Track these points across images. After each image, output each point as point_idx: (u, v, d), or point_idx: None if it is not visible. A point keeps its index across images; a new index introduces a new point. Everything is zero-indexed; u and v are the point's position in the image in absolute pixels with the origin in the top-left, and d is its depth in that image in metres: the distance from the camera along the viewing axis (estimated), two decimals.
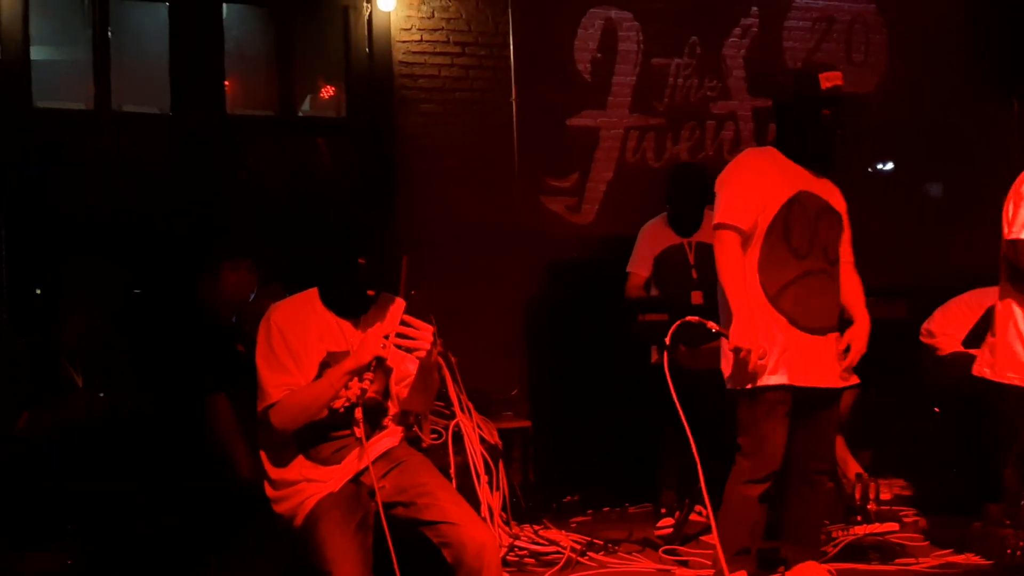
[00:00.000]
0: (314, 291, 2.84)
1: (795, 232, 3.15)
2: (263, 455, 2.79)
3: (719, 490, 3.28)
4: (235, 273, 3.61)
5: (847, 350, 3.25)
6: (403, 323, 2.60)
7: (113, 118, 4.77)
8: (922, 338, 4.47)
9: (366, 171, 5.04)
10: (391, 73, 5.09)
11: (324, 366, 2.72)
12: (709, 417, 3.56)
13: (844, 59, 6.07)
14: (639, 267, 4.40)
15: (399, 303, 2.81)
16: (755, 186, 3.16)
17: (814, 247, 3.18)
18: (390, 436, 2.85)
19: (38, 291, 4.41)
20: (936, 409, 4.60)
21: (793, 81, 3.38)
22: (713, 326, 3.09)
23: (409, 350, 2.61)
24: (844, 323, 3.32)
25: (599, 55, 5.59)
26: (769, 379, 3.11)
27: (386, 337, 2.61)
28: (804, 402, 3.21)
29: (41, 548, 3.00)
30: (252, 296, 3.69)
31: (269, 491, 2.79)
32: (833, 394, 3.27)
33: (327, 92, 5.37)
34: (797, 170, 3.23)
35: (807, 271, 3.17)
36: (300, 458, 2.73)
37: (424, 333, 2.60)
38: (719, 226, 3.16)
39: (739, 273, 3.10)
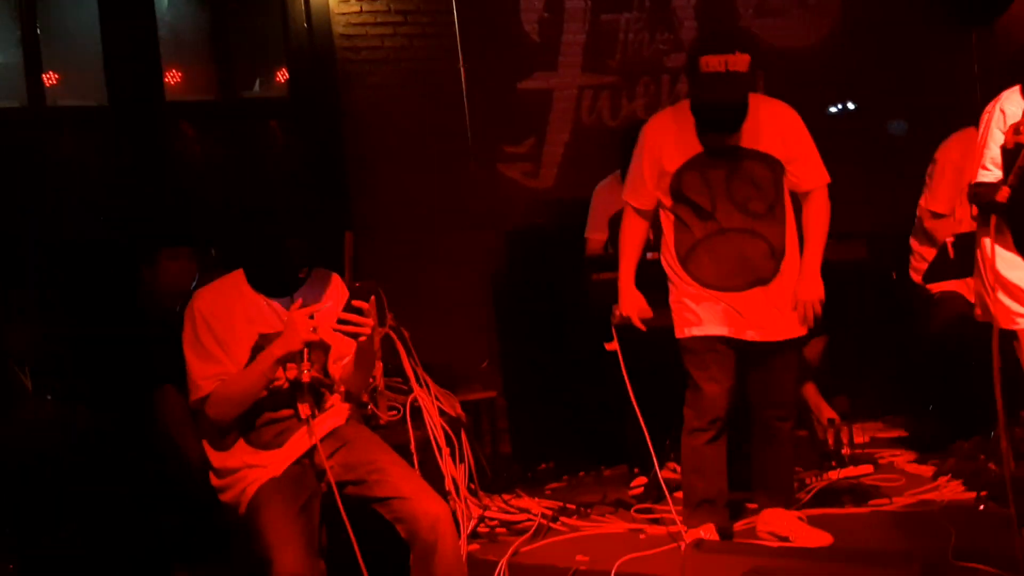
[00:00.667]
0: (239, 273, 2.74)
1: (692, 195, 3.15)
2: (206, 444, 2.71)
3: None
4: (174, 262, 3.51)
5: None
6: (348, 308, 2.52)
7: (50, 114, 4.68)
8: (915, 262, 4.30)
9: (313, 150, 4.94)
10: (332, 47, 5.00)
11: (257, 349, 2.63)
12: (668, 374, 3.54)
13: (796, 3, 5.98)
14: (596, 231, 4.32)
15: (335, 279, 2.73)
16: (649, 161, 3.20)
17: (720, 206, 3.13)
18: (335, 415, 2.77)
19: None
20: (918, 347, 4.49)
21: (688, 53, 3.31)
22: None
23: (354, 335, 2.54)
24: None
25: (546, 15, 5.49)
26: (692, 331, 3.19)
27: (312, 317, 2.53)
28: (746, 353, 3.19)
29: None
30: (194, 284, 3.60)
31: (214, 480, 2.73)
32: (770, 346, 3.19)
33: (270, 72, 5.25)
34: (693, 134, 3.15)
35: (715, 231, 3.15)
36: (241, 444, 2.66)
37: (367, 319, 2.52)
38: (624, 202, 3.32)
39: (630, 246, 3.31)
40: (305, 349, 2.54)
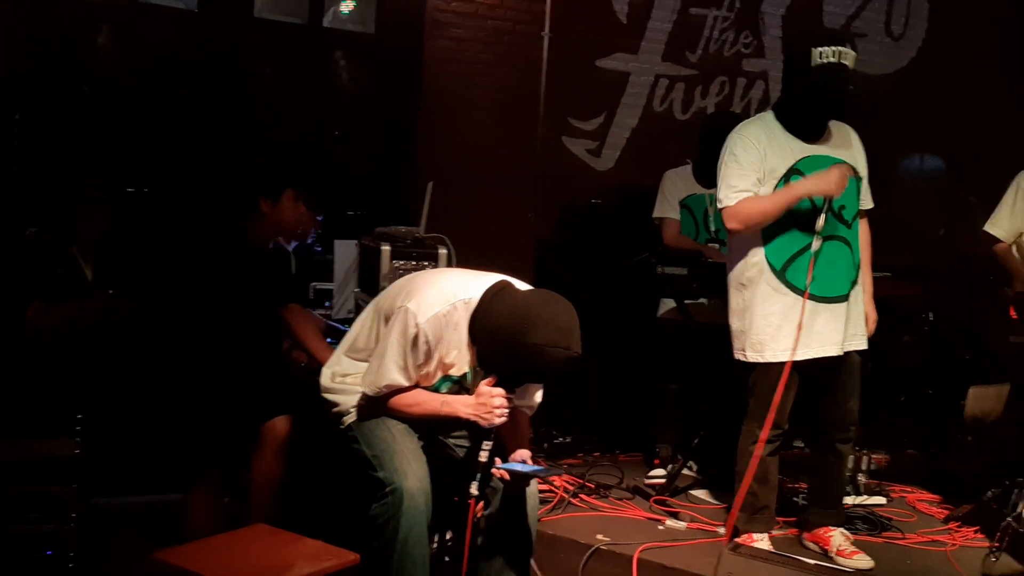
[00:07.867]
0: (464, 316, 2.67)
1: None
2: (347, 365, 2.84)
3: (727, 447, 3.38)
4: (295, 205, 3.53)
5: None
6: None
7: (138, 8, 4.65)
8: None
9: (390, 90, 4.93)
10: None
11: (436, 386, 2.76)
12: (713, 372, 3.60)
13: (883, 31, 5.98)
14: (670, 211, 4.27)
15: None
16: (755, 162, 3.11)
17: (822, 213, 3.08)
18: None
19: (55, 182, 4.30)
20: None
21: (790, 48, 3.24)
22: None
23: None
24: None
25: None
26: (777, 355, 3.13)
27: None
28: (818, 370, 3.20)
29: (51, 436, 2.99)
30: (311, 236, 3.68)
31: (326, 381, 2.83)
32: (844, 360, 3.23)
33: (352, 5, 5.22)
34: (792, 139, 3.14)
35: (818, 238, 3.10)
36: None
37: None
38: (721, 202, 3.21)
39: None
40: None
